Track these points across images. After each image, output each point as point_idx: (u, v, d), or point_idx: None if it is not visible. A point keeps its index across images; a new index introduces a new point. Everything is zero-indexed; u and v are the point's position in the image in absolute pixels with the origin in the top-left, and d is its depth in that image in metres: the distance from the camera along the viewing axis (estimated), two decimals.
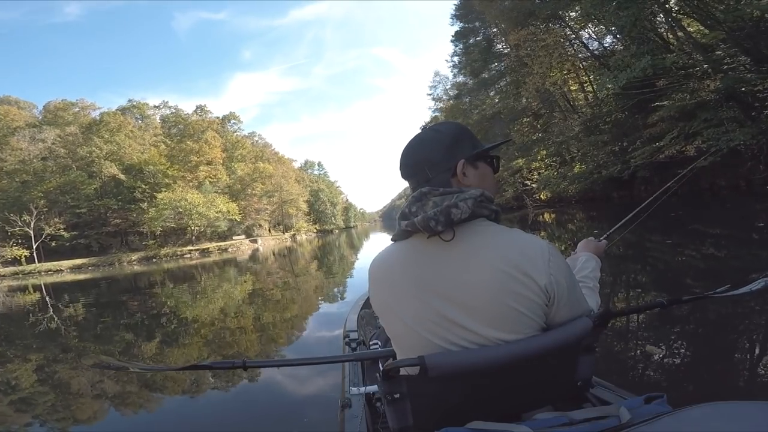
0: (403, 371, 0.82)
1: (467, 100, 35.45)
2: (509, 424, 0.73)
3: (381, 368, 0.86)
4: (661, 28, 15.39)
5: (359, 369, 1.78)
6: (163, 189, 43.56)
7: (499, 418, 0.76)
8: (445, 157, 0.90)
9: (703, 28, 11.88)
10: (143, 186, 44.93)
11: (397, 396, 0.83)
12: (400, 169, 0.97)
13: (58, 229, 39.58)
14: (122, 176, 44.83)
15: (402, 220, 0.87)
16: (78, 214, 42.24)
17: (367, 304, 2.79)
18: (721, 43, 11.87)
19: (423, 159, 0.92)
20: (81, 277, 25.63)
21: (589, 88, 24.19)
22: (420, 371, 0.78)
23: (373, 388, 1.46)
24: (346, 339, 2.12)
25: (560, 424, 0.72)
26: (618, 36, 16.74)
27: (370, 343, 1.88)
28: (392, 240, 0.94)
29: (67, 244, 41.29)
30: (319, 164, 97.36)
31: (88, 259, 39.00)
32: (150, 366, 1.46)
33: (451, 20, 34.20)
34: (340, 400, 1.46)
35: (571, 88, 25.10)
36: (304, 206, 67.91)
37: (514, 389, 0.85)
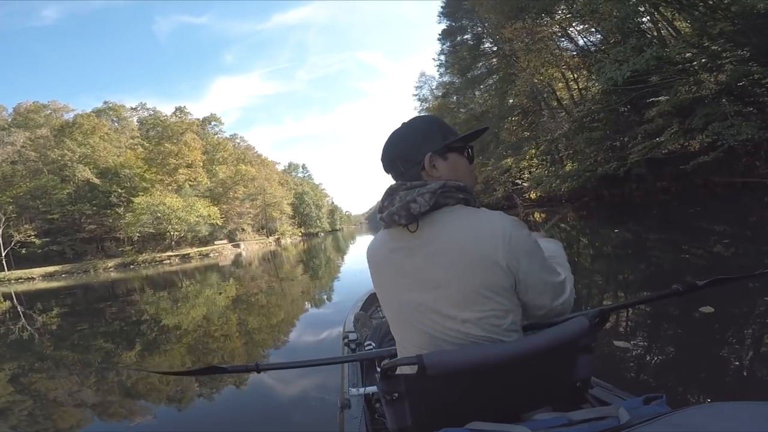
0: (401, 370, 0.82)
1: (454, 99, 35.43)
2: (508, 424, 0.72)
3: (379, 368, 0.85)
4: (653, 23, 15.45)
5: (358, 370, 1.76)
6: (141, 193, 42.43)
7: (498, 418, 0.76)
8: (415, 152, 0.94)
9: (704, 20, 11.82)
10: (119, 190, 43.65)
11: (396, 396, 0.82)
12: (381, 162, 1.01)
13: (29, 236, 38.13)
14: (97, 180, 43.36)
15: (378, 213, 0.93)
16: (50, 219, 40.67)
17: (365, 305, 2.87)
18: (712, 38, 11.85)
19: (396, 154, 0.96)
20: (54, 285, 24.49)
21: (575, 86, 24.34)
22: (418, 370, 0.77)
23: (372, 388, 1.45)
24: (345, 340, 2.12)
25: (559, 424, 0.72)
26: (607, 33, 16.73)
27: (365, 344, 1.89)
28: (384, 227, 0.98)
29: (39, 251, 39.71)
30: (304, 167, 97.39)
31: (61, 266, 37.48)
32: (165, 370, 1.23)
33: (438, 18, 33.99)
34: (340, 401, 1.46)
35: (558, 85, 25.18)
36: (289, 209, 66.99)
37: (512, 389, 0.85)
